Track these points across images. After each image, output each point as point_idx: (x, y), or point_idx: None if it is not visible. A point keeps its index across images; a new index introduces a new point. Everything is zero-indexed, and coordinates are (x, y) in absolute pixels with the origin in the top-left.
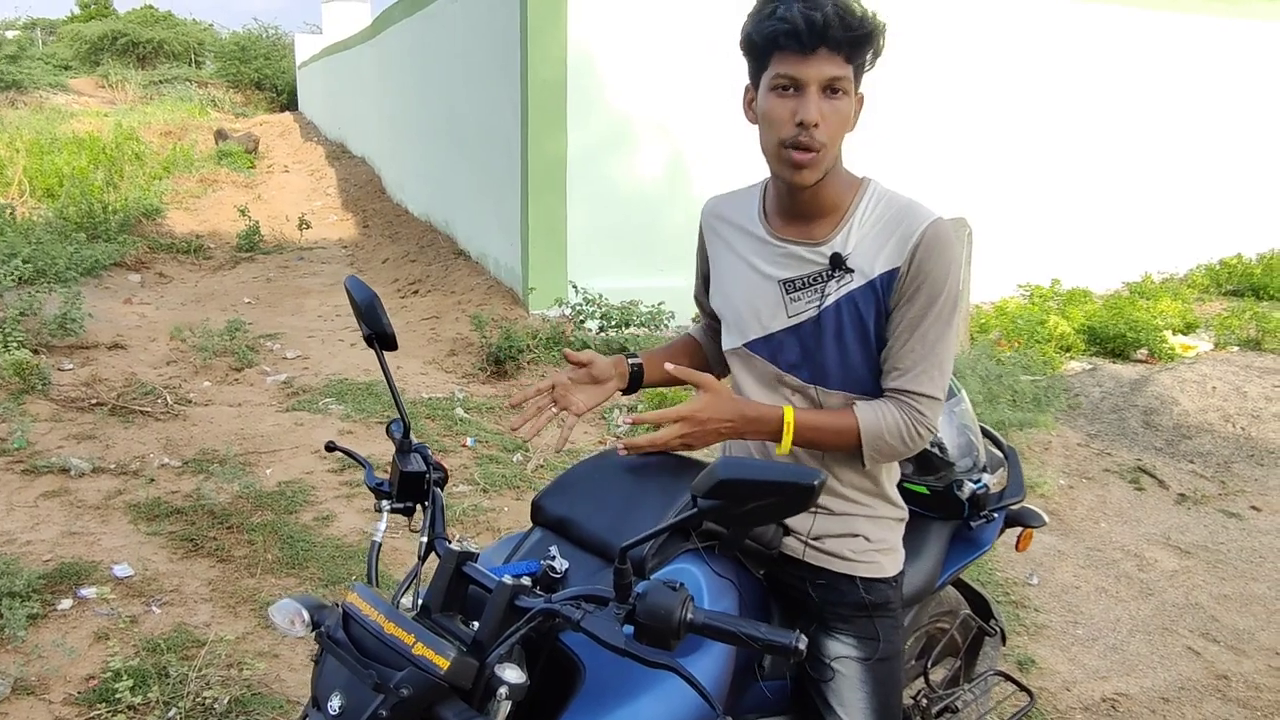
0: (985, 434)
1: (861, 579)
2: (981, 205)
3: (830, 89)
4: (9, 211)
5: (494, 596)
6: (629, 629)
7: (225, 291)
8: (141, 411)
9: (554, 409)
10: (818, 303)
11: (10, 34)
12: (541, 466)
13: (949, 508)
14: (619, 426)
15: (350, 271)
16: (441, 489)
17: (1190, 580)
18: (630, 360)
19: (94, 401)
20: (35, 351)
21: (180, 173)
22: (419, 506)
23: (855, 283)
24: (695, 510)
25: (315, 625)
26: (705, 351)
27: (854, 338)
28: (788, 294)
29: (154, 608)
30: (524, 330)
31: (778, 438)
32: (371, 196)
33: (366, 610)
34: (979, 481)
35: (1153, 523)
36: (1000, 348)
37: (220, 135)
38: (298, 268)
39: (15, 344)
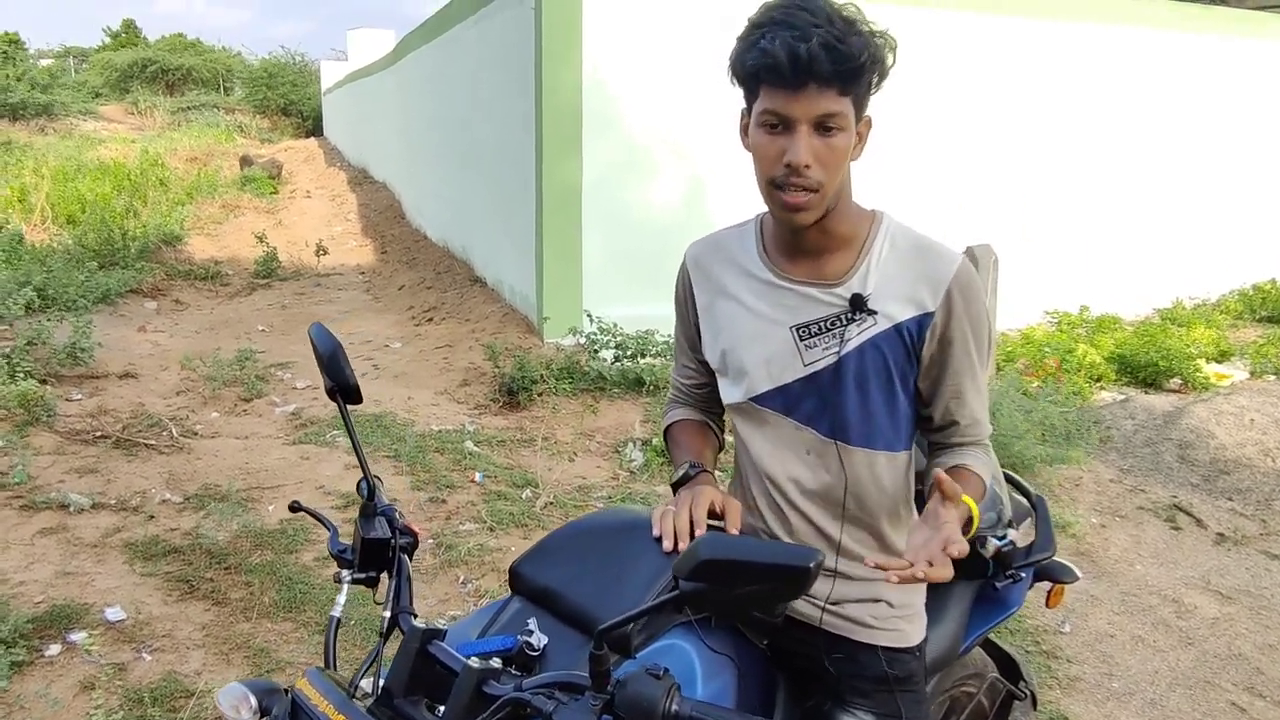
0: (1010, 481)
1: (884, 649)
2: (1008, 231)
3: (823, 126)
4: (19, 240)
5: (459, 682)
6: None
7: (240, 319)
8: (146, 444)
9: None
10: (837, 348)
11: (44, 62)
12: (551, 503)
13: (972, 566)
14: (631, 460)
15: (366, 299)
16: (410, 555)
17: (1233, 628)
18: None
19: (98, 434)
20: (43, 381)
21: (203, 198)
22: (383, 576)
23: (879, 326)
24: (676, 594)
25: (263, 712)
26: (710, 424)
27: (877, 385)
28: (802, 340)
29: (144, 654)
30: (537, 360)
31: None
32: (391, 222)
33: (316, 700)
34: (1004, 538)
35: (1191, 565)
36: (1028, 378)
37: (245, 161)
38: (314, 294)
39: (22, 374)
